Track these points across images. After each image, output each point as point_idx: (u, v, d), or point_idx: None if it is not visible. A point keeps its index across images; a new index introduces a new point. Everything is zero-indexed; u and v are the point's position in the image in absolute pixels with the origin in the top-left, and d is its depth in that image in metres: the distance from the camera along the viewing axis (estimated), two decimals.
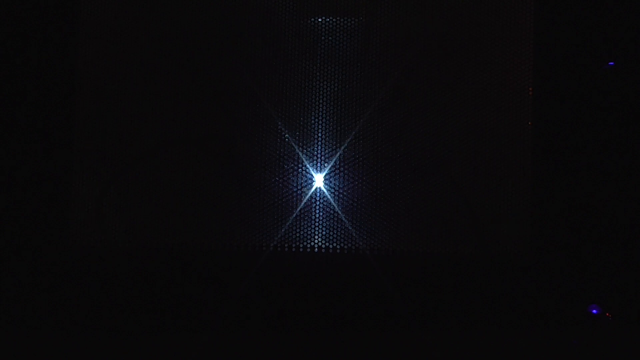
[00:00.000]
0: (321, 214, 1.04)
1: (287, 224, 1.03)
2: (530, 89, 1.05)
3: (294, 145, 1.04)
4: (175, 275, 1.01)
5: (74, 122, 1.01)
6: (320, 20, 1.04)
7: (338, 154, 1.04)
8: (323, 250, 1.03)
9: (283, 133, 1.04)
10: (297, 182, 1.03)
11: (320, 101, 1.04)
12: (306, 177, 1.04)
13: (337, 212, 1.03)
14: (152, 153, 1.02)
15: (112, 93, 1.02)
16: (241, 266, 1.02)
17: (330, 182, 1.04)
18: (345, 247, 1.04)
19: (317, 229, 1.04)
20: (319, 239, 1.04)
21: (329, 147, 1.04)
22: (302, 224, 1.03)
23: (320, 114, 1.05)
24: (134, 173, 1.02)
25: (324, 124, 1.05)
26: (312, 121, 1.04)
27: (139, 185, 1.02)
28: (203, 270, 1.02)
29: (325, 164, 1.04)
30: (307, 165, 1.04)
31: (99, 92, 1.02)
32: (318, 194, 1.04)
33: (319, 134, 1.05)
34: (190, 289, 1.01)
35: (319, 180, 1.04)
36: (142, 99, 1.02)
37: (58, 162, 1.00)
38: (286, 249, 1.03)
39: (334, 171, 1.04)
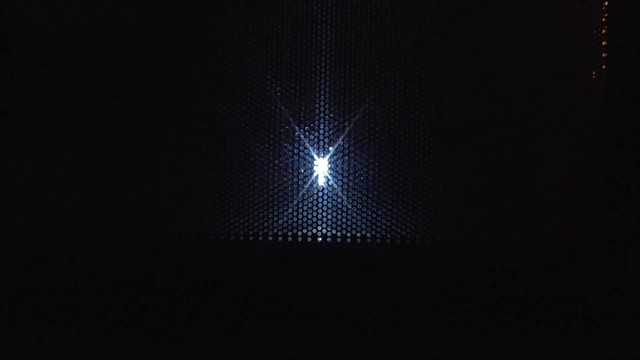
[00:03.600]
0: (327, 193, 0.95)
1: (289, 208, 0.96)
2: (600, 31, 0.94)
3: (289, 118, 0.95)
4: (149, 270, 0.94)
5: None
6: None
7: (350, 118, 0.95)
8: (329, 240, 0.96)
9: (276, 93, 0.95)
10: (298, 154, 0.95)
11: (326, 58, 0.95)
12: (311, 148, 0.96)
13: (345, 191, 0.95)
14: (109, 119, 0.94)
15: (57, 38, 0.94)
16: (230, 260, 0.96)
17: (340, 154, 0.96)
18: (358, 235, 0.95)
19: (321, 213, 0.96)
20: (323, 226, 0.96)
21: (337, 107, 0.95)
22: (304, 207, 0.95)
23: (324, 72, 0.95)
24: (86, 145, 0.94)
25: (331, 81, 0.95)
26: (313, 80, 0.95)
27: (95, 160, 0.94)
28: (183, 264, 0.95)
29: (331, 127, 0.95)
30: (309, 137, 0.95)
31: (39, 37, 0.94)
32: (323, 166, 0.96)
33: (324, 97, 0.95)
34: (169, 286, 0.94)
35: (322, 161, 0.95)
36: (96, 52, 0.93)
37: None
38: (289, 238, 0.96)
39: (343, 143, 0.95)
